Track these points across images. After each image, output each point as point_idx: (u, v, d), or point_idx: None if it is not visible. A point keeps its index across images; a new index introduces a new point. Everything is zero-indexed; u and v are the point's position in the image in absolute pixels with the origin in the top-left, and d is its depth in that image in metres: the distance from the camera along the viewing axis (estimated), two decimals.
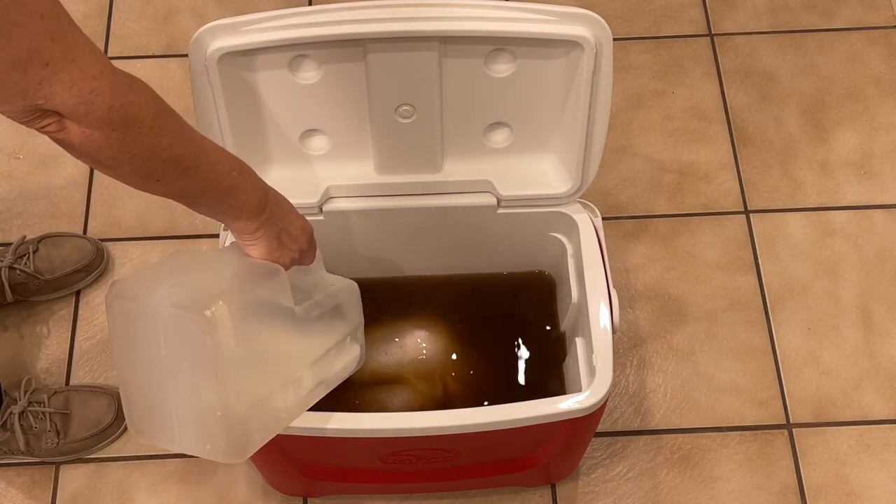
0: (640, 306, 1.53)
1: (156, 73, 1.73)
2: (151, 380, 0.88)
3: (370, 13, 1.01)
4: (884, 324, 1.51)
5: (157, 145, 0.78)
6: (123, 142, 0.75)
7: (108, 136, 0.74)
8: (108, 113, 0.73)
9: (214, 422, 0.86)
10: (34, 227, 1.58)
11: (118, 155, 0.76)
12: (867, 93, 1.72)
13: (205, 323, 0.82)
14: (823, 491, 1.39)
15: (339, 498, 1.39)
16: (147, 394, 0.90)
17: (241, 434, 0.89)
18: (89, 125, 0.73)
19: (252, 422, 0.90)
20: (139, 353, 0.88)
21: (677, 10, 1.80)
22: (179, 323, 0.84)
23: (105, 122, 0.73)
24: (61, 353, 1.49)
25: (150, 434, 0.91)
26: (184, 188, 0.84)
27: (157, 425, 0.90)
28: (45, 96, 0.69)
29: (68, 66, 0.69)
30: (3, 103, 0.69)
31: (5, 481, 1.40)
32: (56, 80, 0.69)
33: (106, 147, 0.75)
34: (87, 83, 0.70)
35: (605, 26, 1.01)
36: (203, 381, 0.86)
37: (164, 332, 0.85)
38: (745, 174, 1.64)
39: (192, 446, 0.89)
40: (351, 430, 1.05)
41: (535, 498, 1.39)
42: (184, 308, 0.84)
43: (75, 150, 0.75)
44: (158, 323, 0.85)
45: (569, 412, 1.06)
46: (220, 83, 1.02)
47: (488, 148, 1.18)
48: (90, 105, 0.71)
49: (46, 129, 0.72)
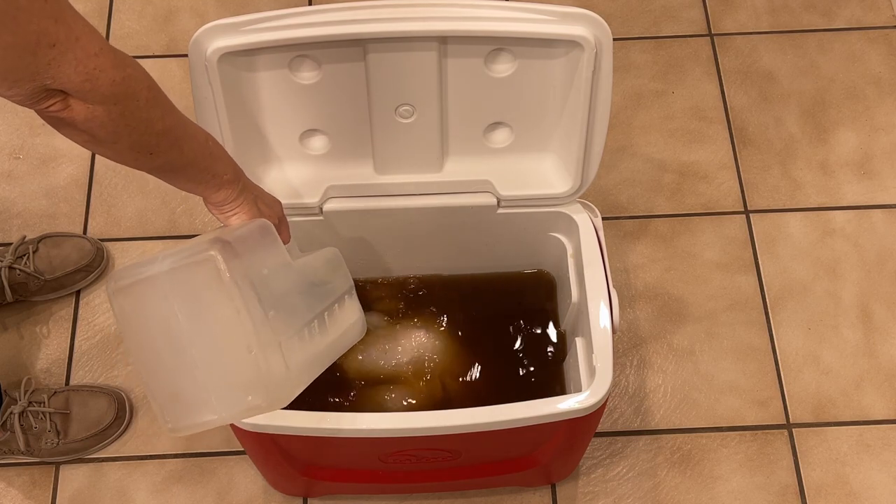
0: (640, 306, 1.53)
1: (156, 73, 1.70)
2: (173, 356, 0.87)
3: (370, 13, 1.01)
4: (884, 324, 1.51)
5: (151, 117, 0.81)
6: (123, 115, 0.78)
7: (109, 111, 0.77)
8: (110, 88, 0.76)
9: (250, 364, 0.85)
10: (34, 227, 1.58)
11: (118, 129, 0.79)
12: (867, 93, 1.72)
13: (214, 261, 0.83)
14: (823, 491, 1.39)
15: (339, 498, 1.39)
16: (172, 374, 0.88)
17: (279, 372, 0.88)
18: (93, 101, 0.75)
19: (288, 358, 0.89)
20: (153, 332, 0.87)
21: (677, 10, 1.80)
22: (188, 276, 0.85)
23: (108, 98, 0.76)
24: (61, 353, 1.49)
25: (186, 417, 0.88)
26: (174, 160, 0.87)
27: (189, 404, 0.87)
28: (53, 76, 0.72)
29: (73, 46, 0.72)
30: (13, 87, 0.71)
31: (5, 481, 1.40)
32: (63, 60, 0.71)
33: (107, 122, 0.77)
34: (90, 61, 0.73)
35: (605, 26, 1.01)
36: (228, 328, 0.85)
37: (174, 296, 0.85)
38: (745, 174, 1.64)
39: (233, 405, 0.86)
40: (351, 430, 1.05)
41: (535, 498, 1.39)
42: (189, 259, 0.84)
43: (76, 128, 0.77)
44: (167, 288, 0.85)
45: (569, 412, 1.06)
46: (220, 83, 1.02)
47: (488, 148, 1.18)
48: (95, 81, 0.74)
49: (50, 109, 0.75)
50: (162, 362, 0.88)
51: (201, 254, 0.84)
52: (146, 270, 0.86)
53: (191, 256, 0.85)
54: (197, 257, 0.84)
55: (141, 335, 0.88)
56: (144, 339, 0.88)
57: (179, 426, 0.88)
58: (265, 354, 0.86)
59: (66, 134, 0.79)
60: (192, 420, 0.88)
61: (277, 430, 1.06)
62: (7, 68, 0.69)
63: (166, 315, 0.85)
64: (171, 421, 0.88)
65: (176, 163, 0.88)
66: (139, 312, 0.87)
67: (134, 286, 0.86)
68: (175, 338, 0.86)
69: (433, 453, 1.17)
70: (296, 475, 1.26)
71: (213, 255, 0.84)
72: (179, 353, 0.86)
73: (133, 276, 0.86)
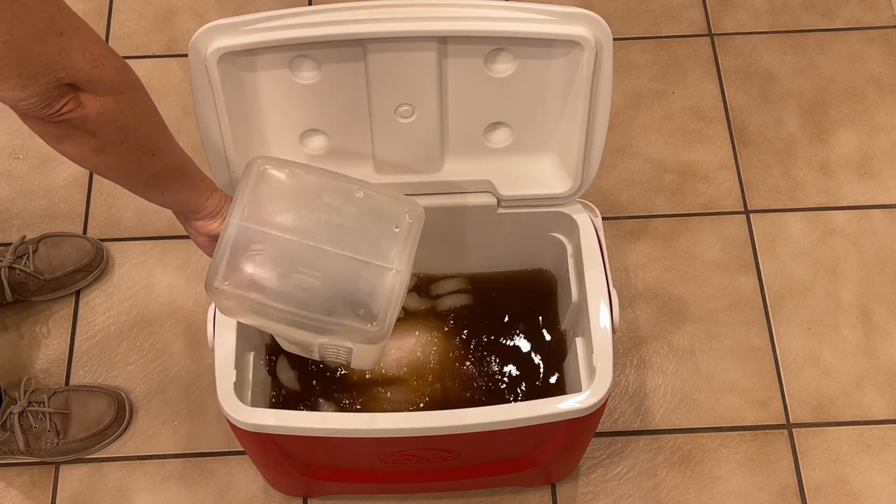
0: (640, 306, 1.53)
1: (156, 73, 1.73)
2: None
3: (370, 13, 1.01)
4: (884, 324, 1.51)
5: (151, 109, 0.83)
6: (131, 105, 0.80)
7: (119, 101, 0.78)
8: (116, 73, 0.77)
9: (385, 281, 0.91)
10: (34, 227, 1.58)
11: (127, 123, 0.80)
12: (867, 93, 1.72)
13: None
14: (823, 491, 1.39)
15: (339, 498, 1.39)
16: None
17: (396, 300, 0.92)
18: (104, 91, 0.76)
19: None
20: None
21: (677, 10, 1.80)
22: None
23: (115, 86, 0.77)
24: (61, 353, 1.49)
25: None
26: (172, 160, 0.88)
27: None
28: (65, 66, 0.72)
29: (77, 34, 0.73)
30: (28, 84, 0.71)
31: (5, 481, 1.40)
32: (71, 47, 0.72)
33: (118, 114, 0.78)
34: (94, 47, 0.74)
35: (605, 26, 1.01)
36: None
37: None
38: (745, 174, 1.64)
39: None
40: (351, 430, 1.05)
41: (535, 498, 1.39)
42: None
43: (87, 129, 0.77)
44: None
45: (569, 412, 1.06)
46: (220, 83, 1.02)
47: (488, 148, 1.18)
48: (102, 68, 0.75)
49: (63, 111, 0.75)
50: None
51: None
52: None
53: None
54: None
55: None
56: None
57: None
58: (395, 282, 0.92)
59: (72, 145, 0.79)
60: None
61: (277, 430, 1.06)
62: (22, 60, 0.69)
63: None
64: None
65: (175, 163, 0.88)
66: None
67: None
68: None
69: (433, 453, 1.17)
70: (296, 475, 1.26)
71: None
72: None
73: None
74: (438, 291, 1.39)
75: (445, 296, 1.38)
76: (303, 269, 0.91)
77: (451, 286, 1.39)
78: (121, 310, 1.52)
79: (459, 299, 1.38)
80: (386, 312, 0.91)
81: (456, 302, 1.38)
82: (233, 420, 1.06)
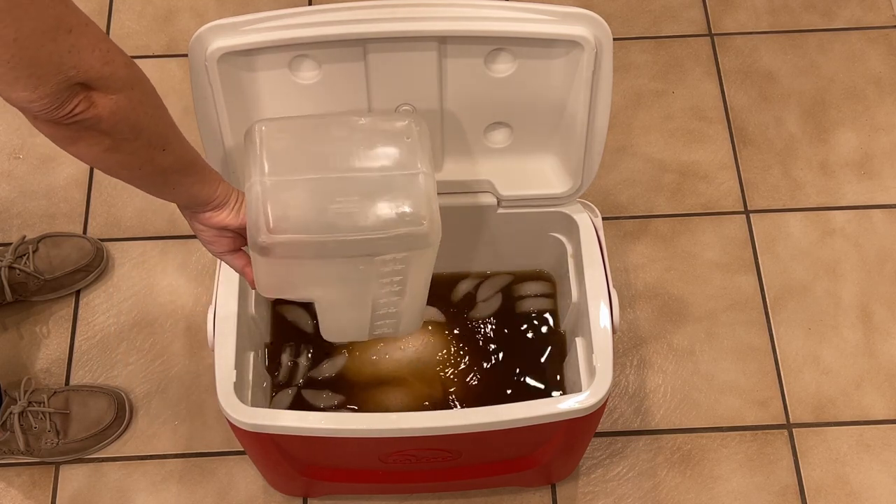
0: (640, 306, 1.53)
1: (156, 73, 1.73)
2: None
3: (370, 13, 1.01)
4: (884, 324, 1.51)
5: (160, 104, 0.83)
6: (142, 100, 0.79)
7: (130, 98, 0.77)
8: (126, 69, 0.76)
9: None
10: (34, 227, 1.58)
11: (139, 119, 0.79)
12: (867, 93, 1.72)
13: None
14: (823, 491, 1.39)
15: (339, 498, 1.39)
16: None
17: (434, 199, 0.95)
18: (115, 89, 0.75)
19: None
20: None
21: (677, 10, 1.80)
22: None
23: (126, 82, 0.76)
24: (61, 353, 1.49)
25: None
26: (183, 154, 0.88)
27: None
28: (76, 64, 0.71)
29: (85, 30, 0.72)
30: (39, 85, 0.70)
31: (5, 481, 1.40)
32: (81, 45, 0.71)
33: (130, 111, 0.77)
34: (103, 44, 0.73)
35: (605, 26, 1.01)
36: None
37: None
38: (745, 174, 1.64)
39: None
40: (351, 430, 1.05)
41: (535, 498, 1.39)
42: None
43: (100, 129, 0.76)
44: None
45: (569, 412, 1.06)
46: (220, 83, 1.02)
47: (488, 148, 1.18)
48: (113, 64, 0.74)
49: (76, 112, 0.74)
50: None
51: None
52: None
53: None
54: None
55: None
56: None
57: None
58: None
59: (85, 146, 0.78)
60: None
61: (277, 430, 1.06)
62: (32, 58, 0.68)
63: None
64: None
65: (185, 157, 0.88)
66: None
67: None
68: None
69: (433, 453, 1.17)
70: (296, 475, 1.26)
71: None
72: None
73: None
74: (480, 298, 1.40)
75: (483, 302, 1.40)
76: (339, 199, 0.92)
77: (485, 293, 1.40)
78: (121, 310, 1.52)
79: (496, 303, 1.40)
80: (430, 210, 0.93)
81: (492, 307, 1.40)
82: (233, 420, 1.06)
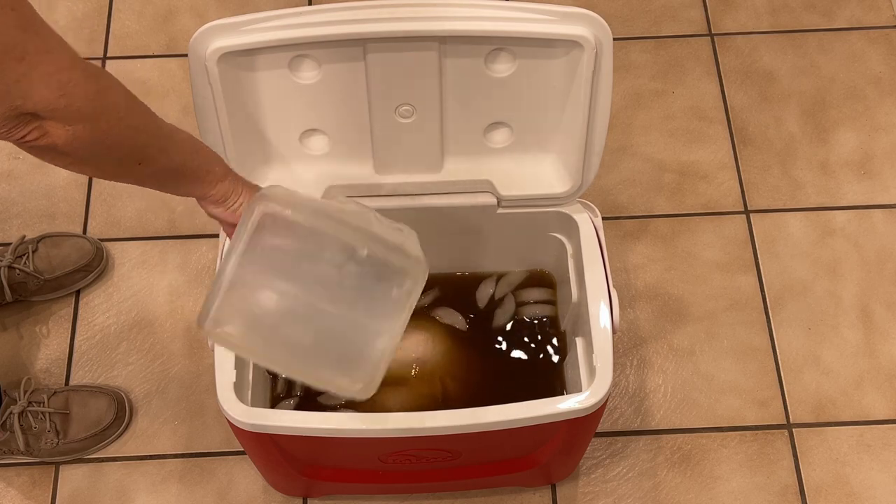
0: (640, 306, 1.53)
1: (156, 73, 1.73)
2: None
3: (370, 13, 1.01)
4: (884, 324, 1.51)
5: (135, 125, 0.78)
6: (107, 131, 0.75)
7: (93, 129, 0.73)
8: (87, 102, 0.71)
9: (374, 351, 0.89)
10: (34, 227, 1.58)
11: (104, 146, 0.75)
12: (867, 93, 1.72)
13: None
14: (823, 491, 1.39)
15: (339, 498, 1.39)
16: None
17: (385, 361, 0.90)
18: (72, 120, 0.71)
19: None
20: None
21: (677, 9, 1.80)
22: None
23: (87, 114, 0.72)
24: (61, 353, 1.49)
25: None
26: (165, 164, 0.84)
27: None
28: (23, 94, 0.67)
29: (44, 59, 0.67)
30: None
31: (5, 481, 1.40)
32: (34, 75, 0.67)
33: (90, 141, 0.73)
34: (63, 74, 0.69)
35: (605, 26, 1.01)
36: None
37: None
38: (745, 174, 1.64)
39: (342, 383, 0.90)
40: (351, 430, 1.05)
41: (535, 498, 1.39)
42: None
43: (58, 153, 0.73)
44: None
45: (569, 412, 1.06)
46: (219, 83, 1.02)
47: (488, 148, 1.18)
48: (70, 97, 0.70)
49: (27, 139, 0.70)
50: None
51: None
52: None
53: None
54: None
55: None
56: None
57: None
58: (385, 351, 0.90)
59: (51, 160, 0.75)
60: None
61: (277, 430, 1.06)
62: None
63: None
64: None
65: (168, 167, 0.86)
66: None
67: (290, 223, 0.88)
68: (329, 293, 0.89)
69: (433, 453, 1.17)
70: (296, 475, 1.26)
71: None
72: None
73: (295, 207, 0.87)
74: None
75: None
76: (296, 325, 0.88)
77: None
78: (121, 310, 1.52)
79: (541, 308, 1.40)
80: (373, 375, 0.89)
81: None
82: (233, 420, 1.06)
